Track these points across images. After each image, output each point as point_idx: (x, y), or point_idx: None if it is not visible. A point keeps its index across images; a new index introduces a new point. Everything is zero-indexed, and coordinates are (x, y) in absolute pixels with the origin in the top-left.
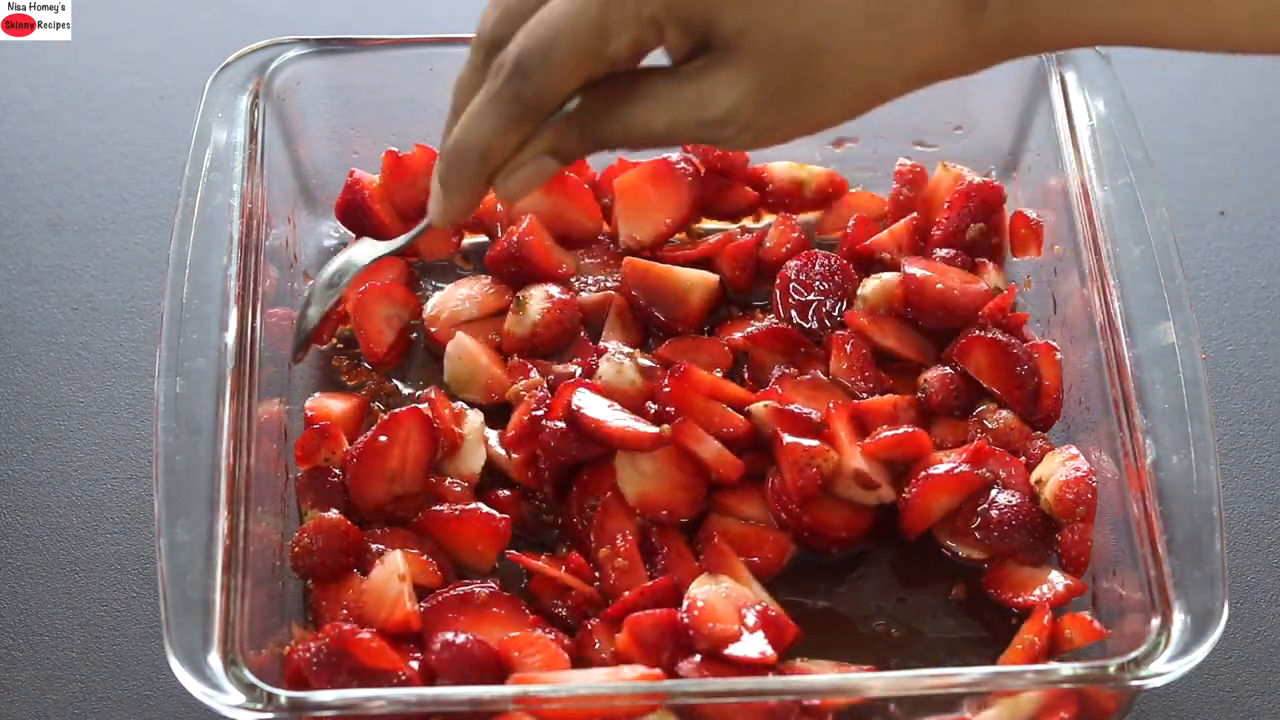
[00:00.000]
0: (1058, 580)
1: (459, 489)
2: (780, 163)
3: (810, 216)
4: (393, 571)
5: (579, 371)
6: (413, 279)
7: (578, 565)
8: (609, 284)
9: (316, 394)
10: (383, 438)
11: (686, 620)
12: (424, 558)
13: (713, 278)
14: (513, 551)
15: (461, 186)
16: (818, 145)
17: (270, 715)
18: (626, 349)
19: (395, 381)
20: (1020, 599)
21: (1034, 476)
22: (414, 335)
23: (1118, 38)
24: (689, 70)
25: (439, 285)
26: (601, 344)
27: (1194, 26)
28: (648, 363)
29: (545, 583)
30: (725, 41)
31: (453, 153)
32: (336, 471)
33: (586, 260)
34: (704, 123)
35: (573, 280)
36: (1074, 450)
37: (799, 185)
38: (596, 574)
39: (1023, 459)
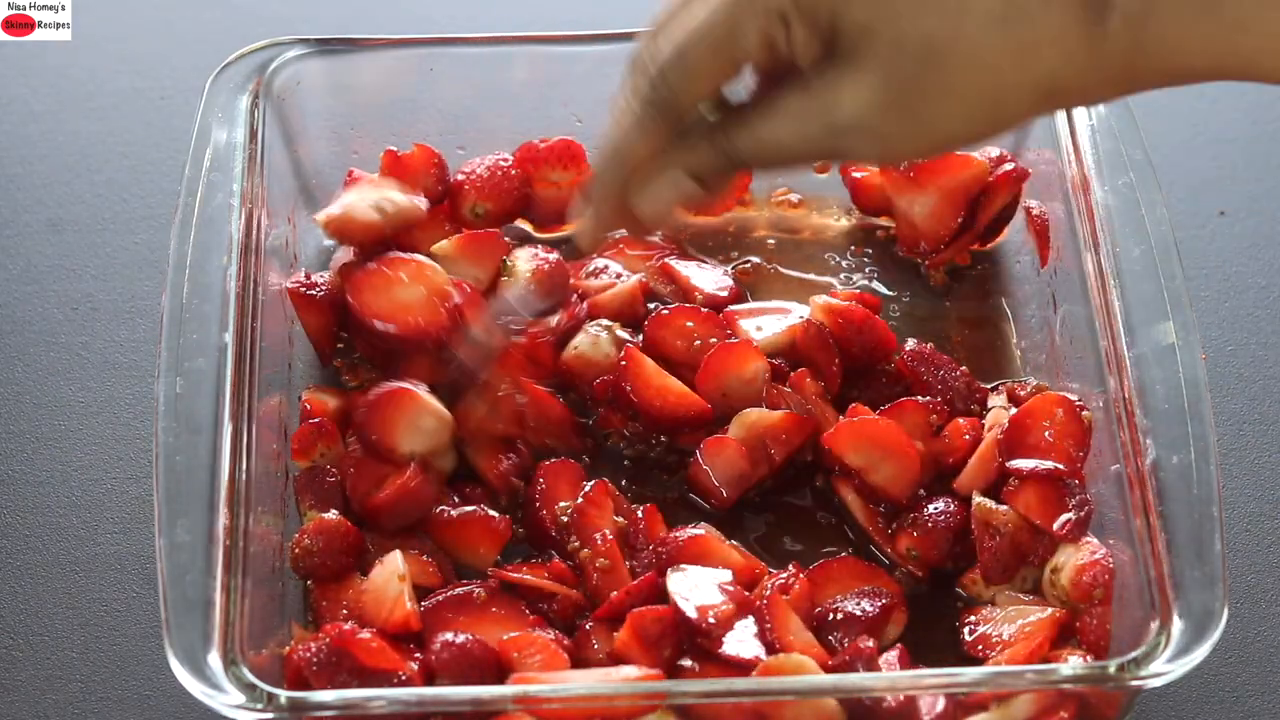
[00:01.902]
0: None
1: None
2: None
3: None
4: (393, 571)
5: (564, 320)
6: None
7: (558, 571)
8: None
9: (311, 385)
10: None
11: (690, 616)
12: (424, 558)
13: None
14: (494, 568)
15: (602, 196)
16: None
17: (270, 715)
18: (605, 321)
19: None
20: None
21: (1049, 567)
22: None
23: (1234, 69)
24: (817, 78)
25: None
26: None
27: None
28: (625, 335)
29: (532, 588)
30: (851, 41)
31: (595, 159)
32: (335, 471)
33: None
34: (832, 130)
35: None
36: (1090, 539)
37: None
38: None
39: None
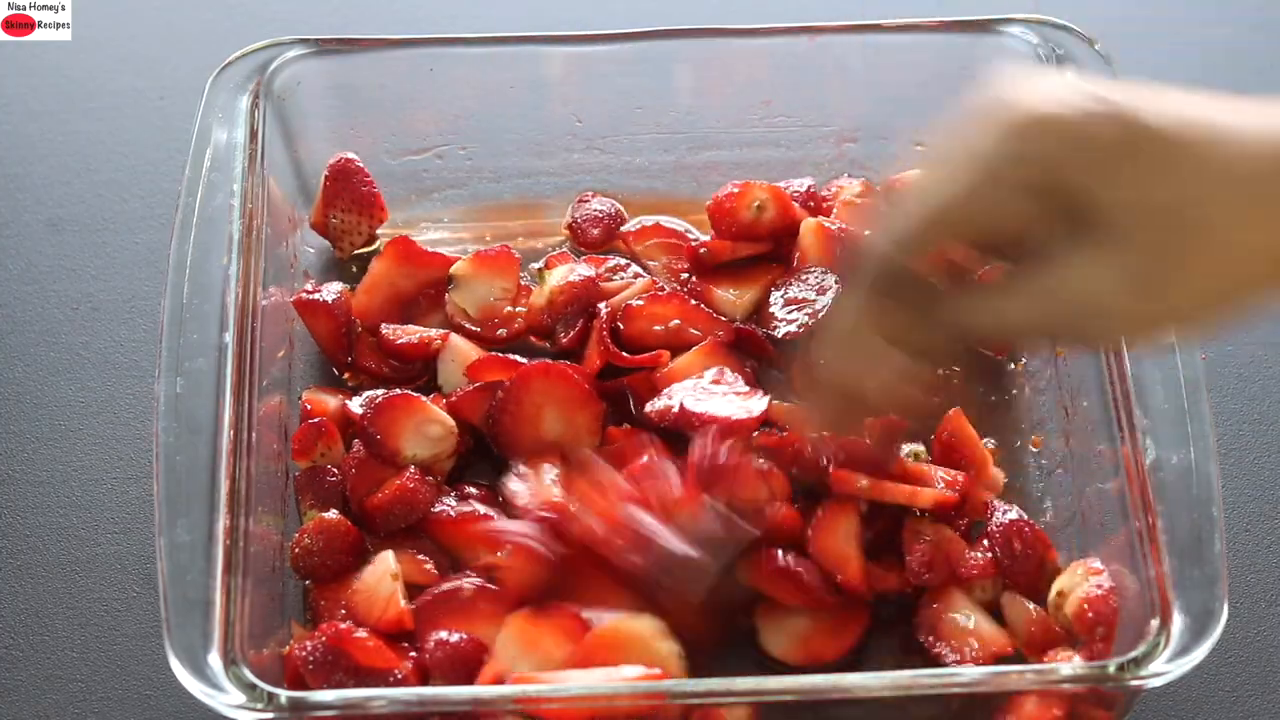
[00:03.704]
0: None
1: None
2: None
3: None
4: (384, 571)
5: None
6: None
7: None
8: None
9: (311, 385)
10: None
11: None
12: (419, 556)
13: None
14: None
15: (827, 383)
16: (815, 145)
17: (270, 715)
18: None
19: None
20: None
21: (1055, 588)
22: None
23: None
24: (1060, 258)
25: None
26: None
27: None
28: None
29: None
30: (1102, 219)
31: (819, 348)
32: (335, 471)
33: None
34: (1073, 311)
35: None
36: (1098, 564)
37: None
38: None
39: None
